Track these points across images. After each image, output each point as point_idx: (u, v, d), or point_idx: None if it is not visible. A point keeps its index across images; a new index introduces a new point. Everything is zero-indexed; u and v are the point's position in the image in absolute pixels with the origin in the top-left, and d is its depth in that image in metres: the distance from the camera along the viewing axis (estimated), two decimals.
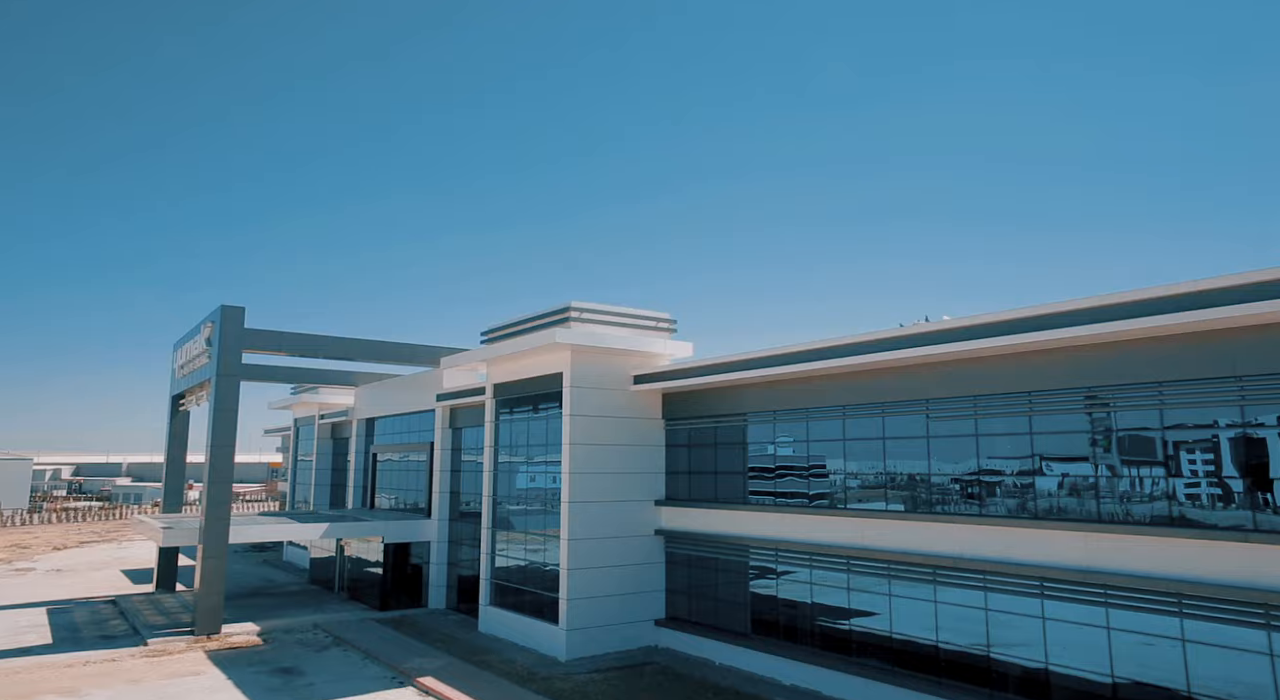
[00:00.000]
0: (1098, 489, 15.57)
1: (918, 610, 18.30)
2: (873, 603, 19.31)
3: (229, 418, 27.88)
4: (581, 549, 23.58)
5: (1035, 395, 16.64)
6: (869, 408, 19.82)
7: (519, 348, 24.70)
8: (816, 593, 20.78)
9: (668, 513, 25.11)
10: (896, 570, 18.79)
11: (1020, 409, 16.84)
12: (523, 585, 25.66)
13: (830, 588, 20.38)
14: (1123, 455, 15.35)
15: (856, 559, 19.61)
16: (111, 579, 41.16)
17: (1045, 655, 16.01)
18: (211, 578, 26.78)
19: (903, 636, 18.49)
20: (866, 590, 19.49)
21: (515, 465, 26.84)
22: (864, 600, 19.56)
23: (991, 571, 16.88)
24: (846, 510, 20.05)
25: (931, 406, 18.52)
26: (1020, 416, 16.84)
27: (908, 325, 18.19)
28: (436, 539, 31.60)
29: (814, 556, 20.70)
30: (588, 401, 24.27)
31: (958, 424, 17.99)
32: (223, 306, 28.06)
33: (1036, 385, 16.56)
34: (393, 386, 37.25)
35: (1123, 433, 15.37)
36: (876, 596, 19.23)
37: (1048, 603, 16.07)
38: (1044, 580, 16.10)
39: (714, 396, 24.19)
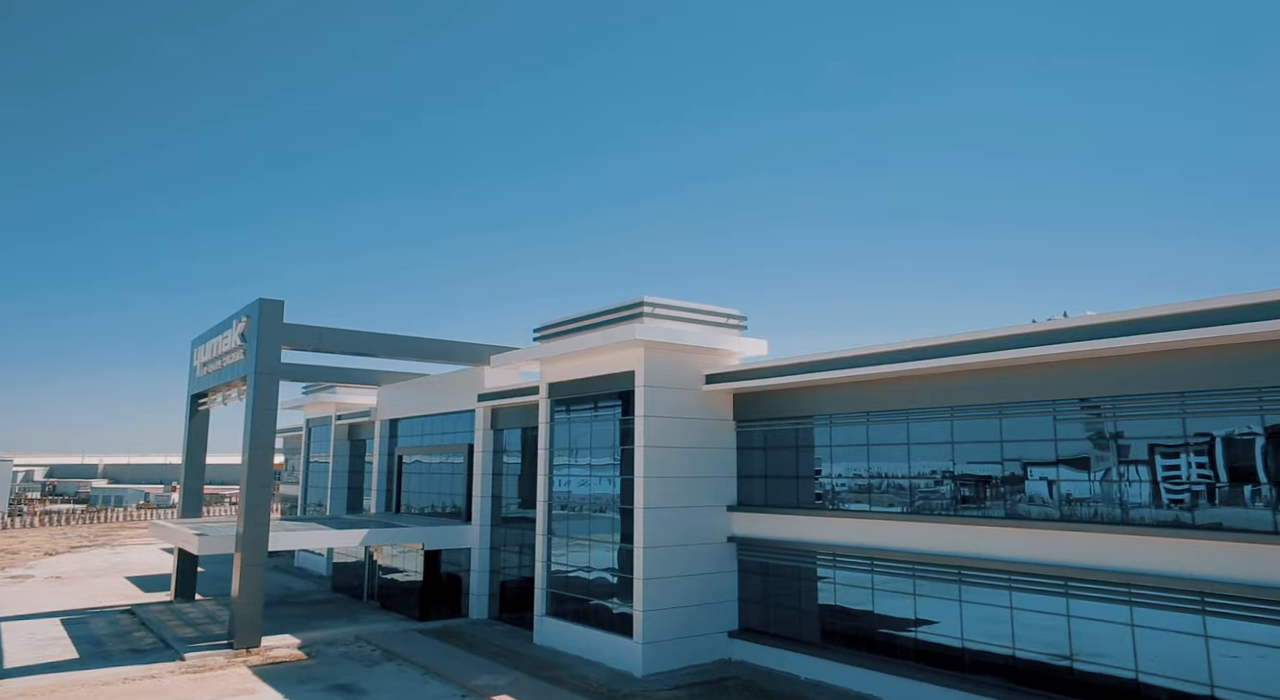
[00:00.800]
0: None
1: (1036, 622, 17.28)
2: (978, 615, 18.29)
3: (268, 417, 26.33)
4: (656, 557, 22.35)
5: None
6: (981, 409, 18.78)
7: (589, 344, 23.43)
8: (906, 603, 19.74)
9: (740, 518, 23.95)
10: (1018, 581, 17.76)
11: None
12: (586, 595, 24.37)
13: (932, 599, 19.32)
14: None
15: (968, 569, 18.55)
16: (118, 586, 39.25)
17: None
18: (251, 587, 25.23)
19: (1025, 653, 17.46)
20: (976, 602, 18.45)
21: (574, 468, 25.54)
22: (962, 612, 18.53)
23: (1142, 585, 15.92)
24: (950, 516, 19.01)
25: (1056, 407, 17.53)
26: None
27: (1041, 321, 17.17)
28: (478, 545, 30.20)
29: (915, 566, 19.61)
30: (661, 402, 23.06)
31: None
32: (261, 300, 26.51)
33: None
34: (422, 386, 35.78)
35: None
36: (982, 608, 18.21)
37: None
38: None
39: (790, 397, 23.08)
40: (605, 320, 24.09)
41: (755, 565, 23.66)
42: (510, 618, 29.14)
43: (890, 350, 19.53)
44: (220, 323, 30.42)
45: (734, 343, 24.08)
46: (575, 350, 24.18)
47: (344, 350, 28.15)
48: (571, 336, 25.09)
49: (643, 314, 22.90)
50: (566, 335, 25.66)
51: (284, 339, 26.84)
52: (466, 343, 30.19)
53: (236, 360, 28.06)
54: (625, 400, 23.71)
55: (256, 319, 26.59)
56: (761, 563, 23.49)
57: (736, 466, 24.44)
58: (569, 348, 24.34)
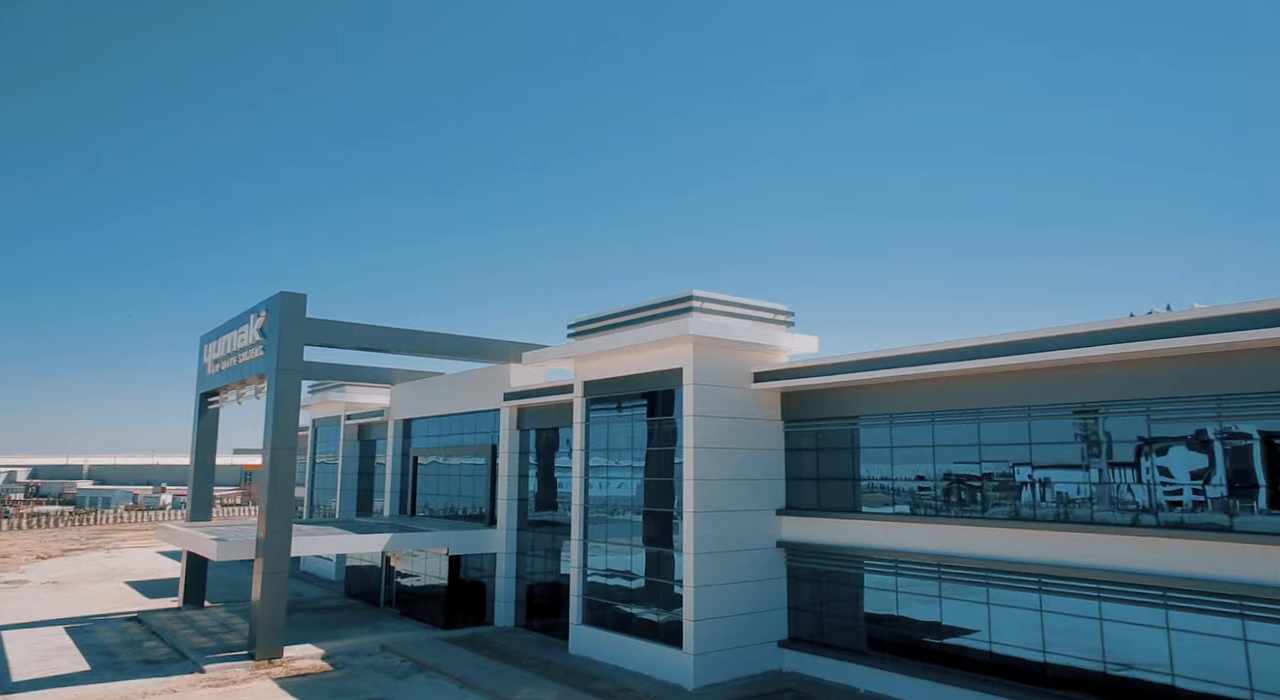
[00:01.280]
0: None
1: (1135, 636, 16.35)
2: (1061, 626, 17.34)
3: (290, 416, 25.09)
4: (707, 564, 21.30)
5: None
6: (1059, 408, 17.82)
7: (635, 340, 22.35)
8: (974, 612, 18.79)
9: (789, 522, 22.93)
10: (1106, 590, 16.82)
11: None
12: (627, 603, 23.30)
13: (1006, 608, 18.35)
14: None
15: (1049, 578, 17.60)
16: (119, 592, 37.81)
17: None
18: (273, 596, 23.99)
19: (1116, 669, 16.52)
20: (1056, 612, 17.49)
21: (612, 470, 24.46)
22: (1043, 622, 17.58)
23: None
24: (1024, 521, 18.05)
25: (1151, 408, 16.60)
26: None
27: (1139, 315, 16.23)
28: (504, 550, 29.04)
29: (987, 573, 18.65)
30: (709, 401, 22.02)
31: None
32: (282, 293, 25.29)
33: None
34: (440, 385, 34.58)
35: None
36: (1065, 619, 17.26)
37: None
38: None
39: (843, 395, 22.09)
40: (649, 315, 23.02)
41: (805, 571, 22.66)
42: (539, 626, 28.00)
43: (962, 347, 18.57)
44: (234, 318, 29.14)
45: (786, 339, 23.06)
46: (617, 347, 23.10)
47: (368, 346, 26.95)
48: (611, 333, 24.01)
49: (692, 308, 21.84)
50: (604, 331, 24.57)
51: (307, 335, 25.62)
52: (495, 340, 29.06)
53: (255, 357, 26.79)
54: (670, 399, 22.66)
55: (277, 313, 25.35)
56: (812, 568, 22.49)
57: (785, 468, 23.43)
58: (610, 344, 23.25)
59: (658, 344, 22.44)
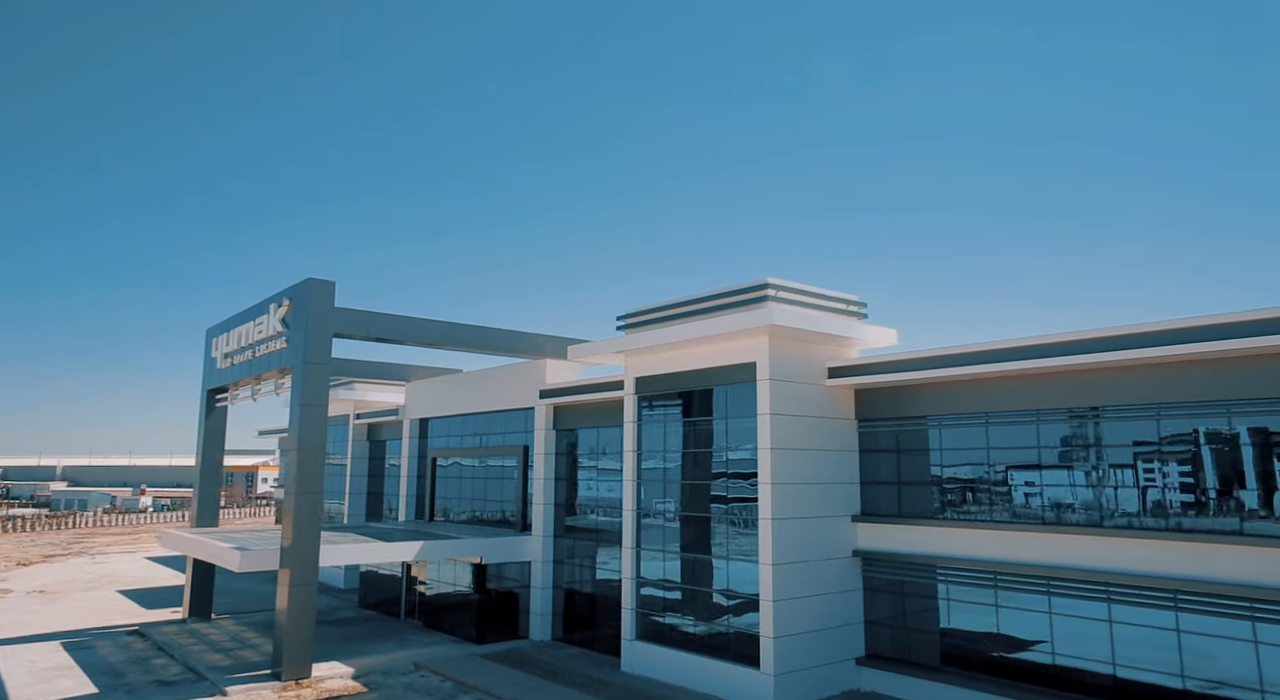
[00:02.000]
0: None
1: None
2: (1186, 645, 15.79)
3: (318, 414, 23.06)
4: (786, 575, 19.56)
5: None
6: (1196, 407, 16.27)
7: (704, 332, 20.56)
8: (1074, 627, 17.24)
9: (865, 530, 21.25)
10: (1239, 606, 15.28)
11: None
12: (689, 618, 21.50)
13: (1116, 625, 16.77)
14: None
15: (1185, 595, 16.02)
16: (114, 603, 35.46)
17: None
18: (301, 609, 21.97)
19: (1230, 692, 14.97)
20: (1191, 631, 15.93)
21: (668, 472, 22.66)
22: (1163, 641, 16.04)
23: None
24: (1146, 530, 16.47)
25: None
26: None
27: None
28: (540, 558, 27.13)
29: (1109, 588, 17.04)
30: (785, 398, 20.29)
31: None
32: (309, 280, 23.26)
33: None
34: (463, 382, 32.60)
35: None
36: (1190, 637, 15.71)
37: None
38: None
39: (925, 393, 20.46)
40: (713, 306, 21.24)
41: (883, 582, 20.99)
42: (579, 640, 26.13)
43: (1074, 340, 16.97)
44: (250, 308, 27.03)
45: (868, 332, 21.38)
46: (683, 339, 21.30)
47: (399, 339, 24.96)
48: (669, 325, 22.22)
49: (766, 297, 20.09)
50: (658, 324, 22.79)
51: (335, 325, 23.60)
52: (533, 334, 27.17)
53: (276, 349, 24.72)
54: (740, 396, 20.91)
55: (304, 302, 23.32)
56: (890, 579, 20.83)
57: (859, 471, 21.75)
58: (675, 337, 21.45)
59: (728, 336, 20.69)
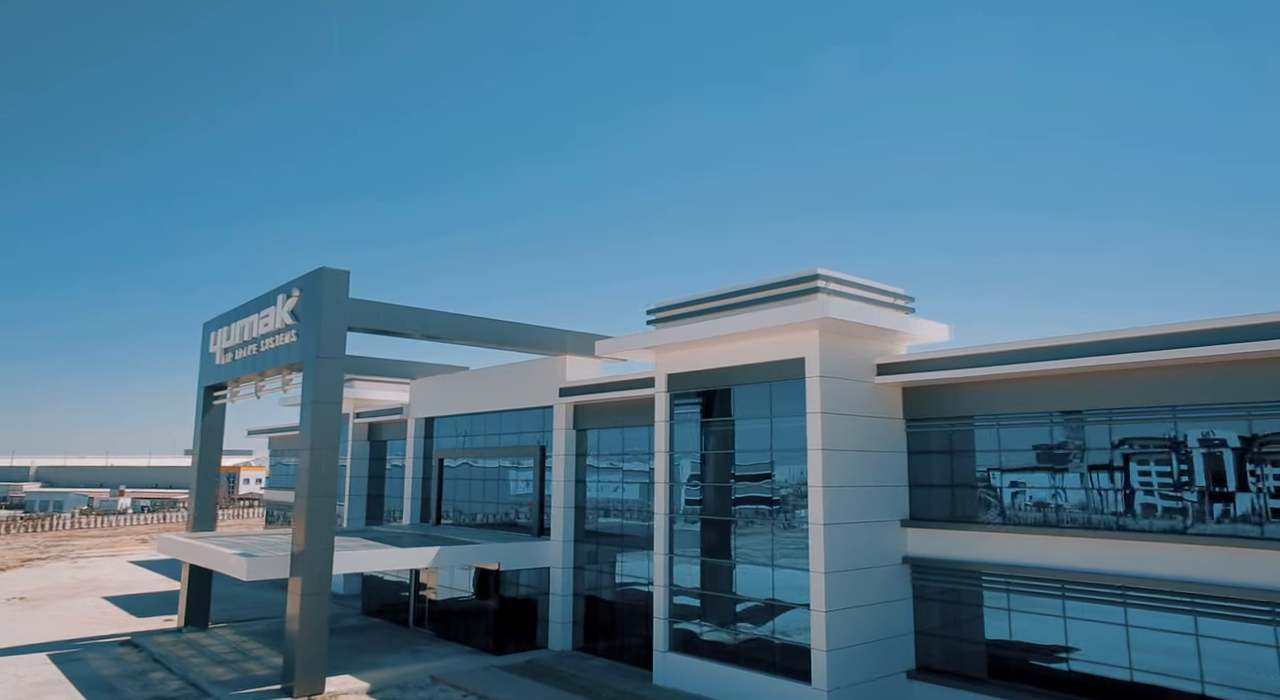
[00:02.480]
0: None
1: None
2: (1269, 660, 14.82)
3: (331, 412, 21.69)
4: (839, 584, 18.43)
5: None
6: None
7: (749, 325, 19.38)
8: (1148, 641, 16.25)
9: (915, 535, 20.16)
10: None
11: None
12: (729, 629, 20.33)
13: (1193, 637, 15.77)
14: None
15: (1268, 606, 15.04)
16: (101, 610, 33.80)
17: None
18: (313, 620, 20.57)
19: None
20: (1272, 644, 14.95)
21: (709, 474, 21.47)
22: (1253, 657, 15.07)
23: None
24: (1224, 538, 15.48)
25: None
26: None
27: None
28: (560, 564, 25.85)
29: (1194, 600, 16.03)
30: (836, 396, 19.17)
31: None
32: (322, 269, 21.87)
33: None
34: (474, 380, 31.25)
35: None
36: None
37: None
38: None
39: (977, 392, 19.41)
40: (759, 298, 20.08)
41: (934, 591, 19.91)
42: (602, 650, 24.88)
43: (1156, 334, 15.96)
44: (254, 300, 25.57)
45: (921, 327, 20.30)
46: (722, 334, 20.13)
47: (416, 332, 23.63)
48: (705, 319, 21.05)
49: (817, 289, 18.95)
50: (692, 318, 21.61)
51: (350, 317, 22.23)
52: (554, 328, 25.92)
53: (285, 343, 23.29)
54: (785, 394, 19.78)
55: (316, 293, 21.94)
56: (942, 588, 19.75)
57: (908, 473, 20.67)
58: (713, 330, 20.27)
59: (773, 331, 19.54)
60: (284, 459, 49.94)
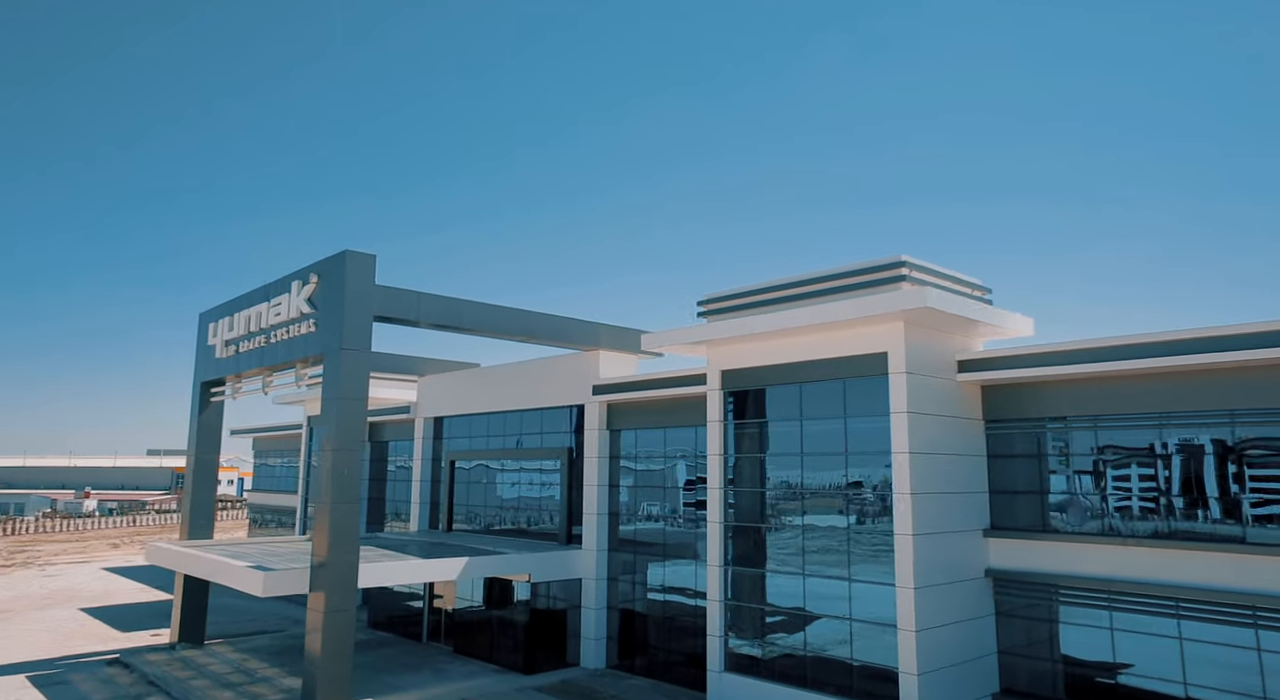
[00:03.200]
0: None
1: None
2: None
3: (356, 409, 19.66)
4: (928, 601, 16.82)
5: None
6: None
7: (827, 317, 17.68)
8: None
9: (998, 546, 18.60)
10: None
11: None
12: (796, 648, 18.63)
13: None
14: None
15: None
16: (79, 623, 31.37)
17: None
18: (338, 641, 18.56)
19: None
20: None
21: (765, 480, 19.78)
22: None
23: None
24: None
25: None
26: None
27: None
28: (593, 575, 24.01)
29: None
30: (921, 395, 17.57)
31: None
32: (347, 253, 19.86)
33: None
34: (490, 377, 29.28)
35: None
36: None
37: None
38: None
39: (1066, 391, 17.90)
40: (833, 287, 18.44)
41: (1018, 607, 18.36)
42: (640, 668, 23.08)
43: None
44: (262, 286, 23.44)
45: (1011, 320, 18.75)
46: (792, 326, 18.42)
47: (444, 323, 21.66)
48: (767, 310, 19.39)
49: (904, 278, 17.35)
50: (751, 309, 19.94)
51: (376, 306, 20.24)
52: (588, 321, 24.09)
53: (301, 334, 21.21)
54: (861, 391, 18.16)
55: (339, 278, 19.92)
56: (1027, 604, 18.21)
57: (988, 479, 19.12)
58: (782, 323, 18.55)
59: (850, 323, 17.88)
60: (269, 460, 47.54)
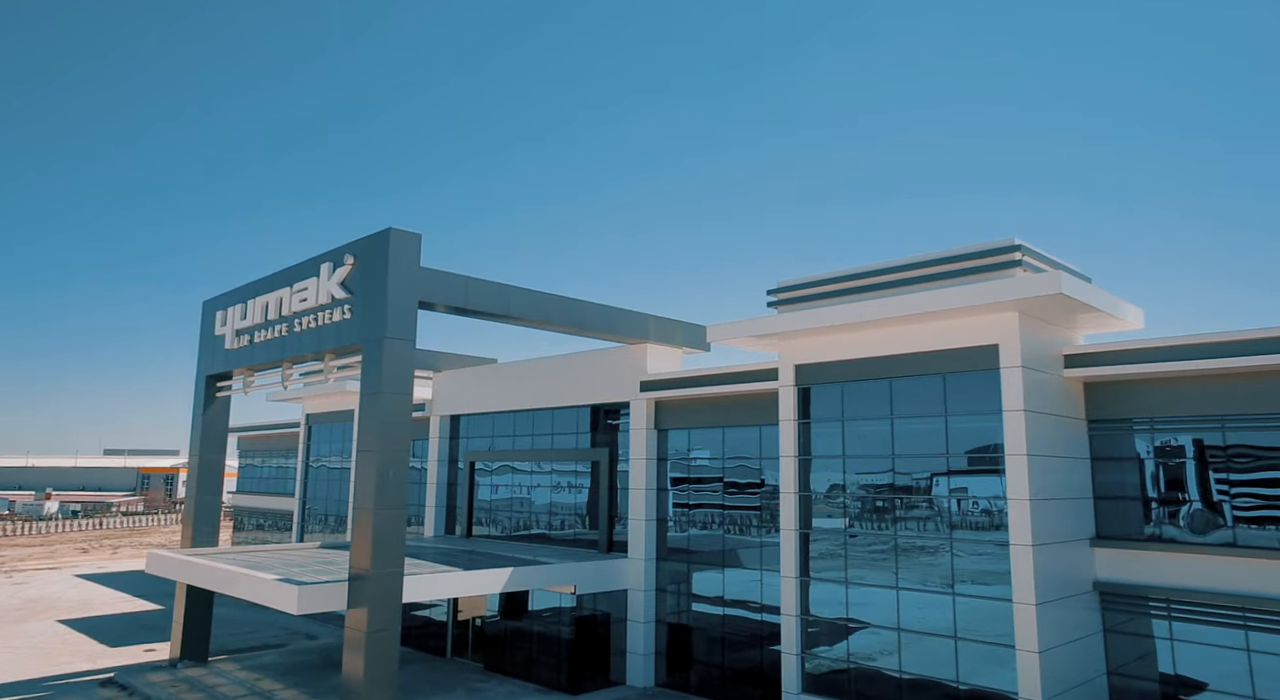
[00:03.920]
0: None
1: None
2: None
3: (401, 405, 17.70)
4: (1050, 619, 15.32)
5: None
6: None
7: (934, 305, 16.06)
8: None
9: (1105, 557, 17.13)
10: None
11: None
12: (888, 668, 17.03)
13: None
14: None
15: None
16: (60, 637, 28.90)
17: None
18: (383, 663, 16.60)
19: None
20: None
21: (841, 482, 18.18)
22: None
23: None
24: None
25: None
26: None
27: None
28: (641, 586, 22.23)
29: None
30: (1036, 391, 16.08)
31: None
32: (390, 230, 17.91)
33: None
34: (516, 372, 27.35)
35: None
36: None
37: None
38: None
39: (1171, 390, 16.55)
40: (932, 273, 16.90)
41: (1127, 623, 16.93)
42: (695, 686, 21.36)
43: None
44: (282, 271, 21.36)
45: (1129, 311, 17.31)
46: (891, 315, 16.82)
47: (491, 312, 19.75)
48: (847, 300, 17.82)
49: (1018, 262, 15.85)
50: (830, 298, 18.36)
51: (421, 290, 18.29)
52: (635, 312, 22.33)
53: (334, 321, 19.18)
54: (961, 387, 16.63)
55: (379, 260, 17.95)
56: (1135, 619, 16.78)
57: (1092, 483, 17.68)
58: (874, 313, 16.95)
59: (957, 312, 16.32)
60: (256, 461, 45.06)
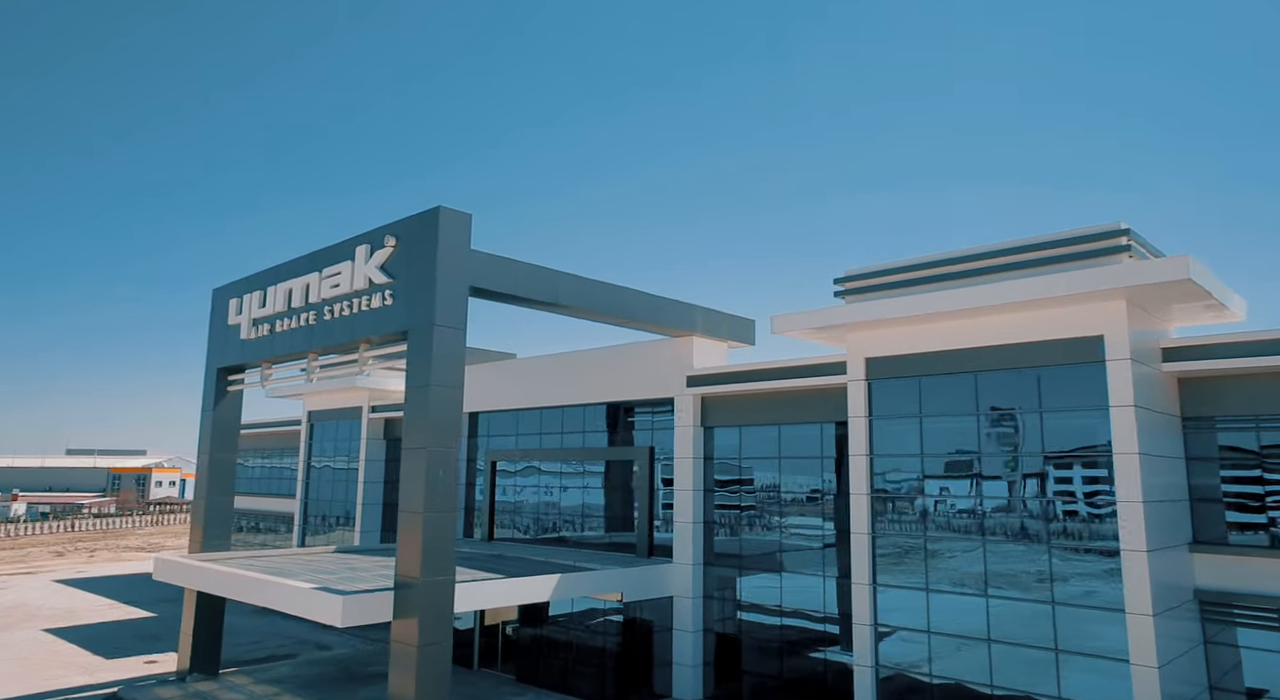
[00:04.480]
0: None
1: None
2: None
3: (453, 399, 16.28)
4: (1166, 630, 14.29)
5: None
6: None
7: (1035, 292, 14.95)
8: None
9: (1206, 564, 16.13)
10: None
11: None
12: (978, 684, 15.91)
13: None
14: None
15: None
16: (48, 648, 27.08)
17: None
18: (434, 680, 15.19)
19: None
20: None
21: (933, 484, 17.05)
22: None
23: None
24: None
25: None
26: None
27: None
28: (689, 593, 20.96)
29: None
30: (1143, 386, 15.06)
31: None
32: (440, 209, 16.48)
33: None
34: (542, 368, 25.97)
35: None
36: None
37: None
38: None
39: None
40: (1021, 261, 15.83)
41: (1228, 636, 15.95)
42: (748, 699, 20.13)
43: None
44: (309, 255, 19.83)
45: (1234, 300, 16.31)
46: (982, 305, 15.72)
47: (540, 299, 18.39)
48: (922, 288, 16.74)
49: (1126, 248, 14.81)
50: (903, 287, 17.28)
51: (473, 275, 16.88)
52: (681, 302, 21.08)
53: (373, 308, 17.70)
54: (1056, 381, 15.57)
55: (429, 241, 16.53)
56: (1234, 630, 15.81)
57: (1188, 485, 16.69)
58: (964, 301, 15.83)
59: (1056, 301, 15.25)
60: (246, 460, 43.17)
